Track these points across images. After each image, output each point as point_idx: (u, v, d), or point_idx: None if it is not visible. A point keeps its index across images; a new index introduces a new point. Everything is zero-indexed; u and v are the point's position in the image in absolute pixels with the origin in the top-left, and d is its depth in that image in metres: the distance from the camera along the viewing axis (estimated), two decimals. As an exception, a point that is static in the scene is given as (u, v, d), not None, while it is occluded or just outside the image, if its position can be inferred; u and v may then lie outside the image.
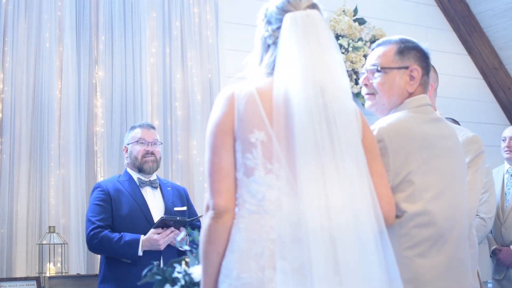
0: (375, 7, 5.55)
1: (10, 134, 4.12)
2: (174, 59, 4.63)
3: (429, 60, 2.25)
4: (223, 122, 1.79)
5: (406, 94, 2.21)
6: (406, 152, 2.06)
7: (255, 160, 1.74)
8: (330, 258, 1.66)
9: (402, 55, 2.21)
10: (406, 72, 2.20)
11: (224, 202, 1.77)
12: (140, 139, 3.75)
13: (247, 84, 1.82)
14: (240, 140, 1.77)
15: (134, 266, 3.47)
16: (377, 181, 1.89)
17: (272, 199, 1.73)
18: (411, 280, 2.00)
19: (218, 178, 1.78)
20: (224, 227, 1.77)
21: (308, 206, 1.68)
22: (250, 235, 1.73)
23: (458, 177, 2.16)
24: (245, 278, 1.71)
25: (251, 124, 1.76)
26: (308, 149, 1.71)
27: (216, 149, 1.78)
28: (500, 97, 6.13)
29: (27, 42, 4.25)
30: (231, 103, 1.80)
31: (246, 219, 1.76)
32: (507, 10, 5.66)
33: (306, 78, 1.75)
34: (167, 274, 1.90)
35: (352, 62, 5.12)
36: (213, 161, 1.79)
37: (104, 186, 3.67)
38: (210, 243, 1.78)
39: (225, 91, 1.84)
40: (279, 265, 1.67)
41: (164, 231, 3.51)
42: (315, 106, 1.73)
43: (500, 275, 4.51)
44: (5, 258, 3.99)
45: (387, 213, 1.92)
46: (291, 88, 1.76)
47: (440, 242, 2.06)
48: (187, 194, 3.90)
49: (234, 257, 1.75)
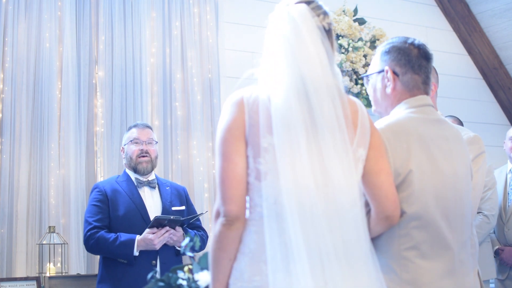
0: (375, 7, 5.55)
1: (10, 134, 4.12)
2: (174, 59, 4.63)
3: (411, 57, 2.17)
4: (234, 128, 1.77)
5: (390, 97, 2.21)
6: (406, 152, 2.05)
7: (267, 165, 1.73)
8: (342, 258, 1.68)
9: (381, 59, 2.23)
10: (383, 75, 2.21)
11: (236, 209, 1.75)
12: (135, 139, 3.76)
13: (256, 88, 1.81)
14: (251, 145, 1.76)
15: (131, 266, 3.49)
16: (384, 179, 1.89)
17: (284, 202, 1.72)
18: (410, 281, 2.00)
19: (232, 184, 1.75)
20: (236, 234, 1.76)
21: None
22: (261, 238, 1.72)
23: (461, 178, 2.14)
24: (257, 281, 1.71)
25: (263, 128, 1.74)
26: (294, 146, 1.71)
27: (230, 155, 1.76)
28: (500, 97, 6.13)
29: (27, 42, 4.25)
30: (240, 108, 1.78)
31: (258, 221, 1.75)
32: (507, 10, 5.65)
33: (288, 74, 1.75)
34: (172, 281, 1.89)
35: (352, 62, 5.12)
36: (227, 168, 1.76)
37: (101, 186, 3.68)
38: (222, 250, 1.76)
39: (234, 96, 1.82)
40: (291, 268, 1.66)
41: (159, 231, 3.51)
42: (298, 103, 1.73)
43: (503, 275, 4.50)
44: (5, 258, 3.99)
45: (393, 212, 1.93)
46: (272, 88, 1.76)
47: (440, 244, 2.05)
48: (186, 194, 3.89)
49: (245, 260, 1.74)
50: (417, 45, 2.20)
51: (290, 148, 1.70)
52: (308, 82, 1.74)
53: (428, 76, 2.21)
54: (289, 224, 1.67)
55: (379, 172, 1.88)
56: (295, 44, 1.76)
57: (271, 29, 1.83)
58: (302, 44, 1.76)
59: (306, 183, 1.69)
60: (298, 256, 1.65)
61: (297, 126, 1.71)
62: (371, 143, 1.86)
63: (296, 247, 1.65)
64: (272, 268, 1.68)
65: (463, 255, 2.11)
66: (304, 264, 1.65)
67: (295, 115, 1.71)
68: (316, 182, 1.70)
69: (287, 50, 1.77)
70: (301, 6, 1.83)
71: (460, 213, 2.12)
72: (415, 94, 2.19)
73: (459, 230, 2.11)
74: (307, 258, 1.65)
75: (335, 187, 1.71)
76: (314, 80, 1.75)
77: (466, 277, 2.10)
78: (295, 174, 1.69)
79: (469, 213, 2.18)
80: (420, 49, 2.20)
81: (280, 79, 1.75)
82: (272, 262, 1.68)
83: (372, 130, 1.89)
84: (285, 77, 1.75)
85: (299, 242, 1.65)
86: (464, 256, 2.12)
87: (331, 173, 1.71)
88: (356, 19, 5.29)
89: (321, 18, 1.85)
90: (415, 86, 2.19)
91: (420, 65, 2.19)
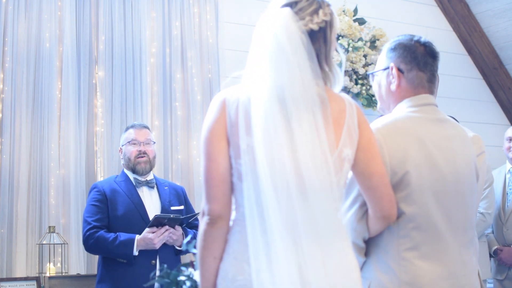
0: (375, 7, 5.55)
1: (10, 134, 4.13)
2: (174, 59, 4.63)
3: (416, 54, 2.17)
4: (216, 128, 1.78)
5: (394, 94, 2.20)
6: (403, 151, 2.04)
7: (247, 166, 1.73)
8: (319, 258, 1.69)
9: (387, 56, 2.23)
10: (388, 72, 2.21)
11: (219, 208, 1.77)
12: (133, 140, 3.76)
13: (237, 89, 1.81)
14: (232, 146, 1.77)
15: (130, 266, 3.49)
16: (377, 180, 1.89)
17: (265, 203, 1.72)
18: (409, 282, 1.99)
19: (215, 184, 1.78)
20: (219, 232, 1.78)
21: None
22: (244, 238, 1.74)
23: (463, 178, 2.12)
24: (240, 281, 1.73)
25: (242, 129, 1.75)
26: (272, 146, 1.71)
27: (213, 155, 1.78)
28: (500, 97, 6.13)
29: (27, 42, 4.25)
30: (223, 108, 1.79)
31: (242, 221, 1.76)
32: (507, 10, 5.65)
33: (269, 79, 1.74)
34: (172, 277, 1.91)
35: (352, 62, 5.12)
36: (210, 167, 1.78)
37: (100, 186, 3.69)
38: (206, 248, 1.79)
39: (217, 96, 1.83)
40: (273, 268, 1.67)
41: (158, 230, 3.51)
42: (278, 109, 1.72)
43: (502, 275, 4.50)
44: (5, 258, 4.00)
45: (389, 211, 1.93)
46: (253, 91, 1.76)
47: (441, 245, 2.04)
48: (185, 193, 3.90)
49: (230, 259, 1.76)
50: (423, 43, 2.20)
51: (270, 149, 1.70)
52: (286, 92, 1.73)
53: (434, 74, 2.20)
54: (272, 225, 1.68)
55: (372, 175, 1.88)
56: (274, 53, 1.74)
57: (257, 32, 1.81)
58: (281, 53, 1.74)
59: (284, 183, 1.69)
60: (282, 254, 1.66)
61: (277, 129, 1.71)
62: (361, 144, 1.85)
63: (279, 246, 1.67)
64: (255, 268, 1.69)
65: (466, 256, 2.09)
66: (288, 263, 1.66)
67: (274, 121, 1.71)
68: (295, 183, 1.70)
69: (268, 57, 1.75)
70: (285, 10, 1.79)
71: (462, 213, 2.10)
72: (419, 92, 2.18)
73: (461, 231, 2.09)
74: (288, 257, 1.67)
75: (314, 189, 1.71)
76: (292, 90, 1.73)
77: (468, 278, 2.09)
78: (274, 175, 1.69)
79: (473, 214, 2.16)
80: (426, 46, 2.20)
81: (262, 84, 1.75)
82: (255, 262, 1.69)
83: (362, 130, 1.87)
84: (266, 82, 1.74)
85: (282, 241, 1.67)
86: (467, 257, 2.10)
87: (308, 176, 1.71)
88: (356, 19, 5.30)
89: (308, 20, 1.80)
90: (420, 84, 2.18)
91: (425, 63, 2.18)
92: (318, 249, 1.70)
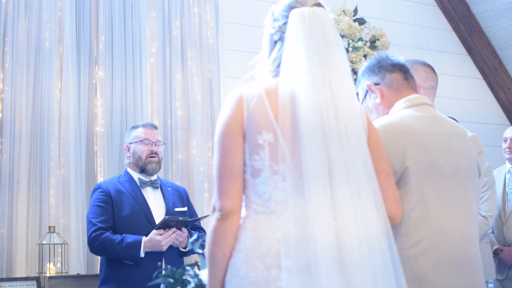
0: (375, 7, 5.55)
1: (10, 134, 4.12)
2: (174, 59, 4.63)
3: (382, 63, 2.27)
4: (234, 123, 1.79)
5: (383, 104, 2.25)
6: (402, 149, 2.06)
7: (262, 162, 1.75)
8: (336, 257, 1.67)
9: (362, 82, 2.33)
10: (369, 92, 2.29)
11: (231, 203, 1.77)
12: (145, 139, 3.73)
13: (256, 85, 1.82)
14: (248, 142, 1.78)
15: (136, 268, 3.46)
16: (383, 179, 1.89)
17: (278, 200, 1.74)
18: (414, 279, 2.00)
19: (230, 179, 1.77)
20: (231, 228, 1.77)
21: (315, 206, 1.68)
22: (256, 235, 1.74)
23: (463, 174, 2.13)
24: (252, 277, 1.72)
25: (259, 125, 1.76)
26: (316, 149, 1.71)
27: (229, 150, 1.78)
28: (500, 97, 6.13)
29: (27, 42, 4.25)
30: (240, 104, 1.80)
31: (253, 219, 1.76)
32: (507, 10, 5.66)
33: (313, 75, 1.76)
34: (177, 276, 1.90)
35: (352, 62, 5.12)
36: (225, 163, 1.78)
37: (104, 187, 3.63)
38: (216, 244, 1.77)
39: (233, 92, 1.84)
40: (285, 264, 1.67)
41: (166, 232, 3.49)
42: (324, 105, 1.74)
43: (502, 275, 4.50)
44: (5, 258, 3.99)
45: (394, 212, 1.93)
46: (298, 86, 1.76)
47: (443, 239, 2.04)
48: (187, 195, 3.88)
49: (240, 256, 1.76)
50: (385, 56, 2.31)
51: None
52: (335, 89, 1.76)
53: (407, 72, 2.26)
54: (284, 221, 1.69)
55: (378, 173, 1.88)
56: (323, 53, 1.78)
57: (289, 31, 1.82)
58: (328, 47, 1.79)
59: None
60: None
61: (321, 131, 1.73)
62: (370, 144, 1.86)
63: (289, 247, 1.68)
64: (266, 265, 1.69)
65: (470, 251, 2.10)
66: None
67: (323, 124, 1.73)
68: (333, 199, 1.72)
69: (313, 52, 1.78)
70: (320, 9, 1.85)
71: (463, 208, 2.10)
72: (405, 93, 2.23)
73: (464, 226, 2.09)
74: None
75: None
76: (339, 87, 1.78)
77: (473, 273, 2.09)
78: (325, 195, 1.70)
79: (475, 209, 2.17)
80: (388, 57, 2.30)
81: (305, 82, 1.76)
82: (267, 259, 1.69)
83: (370, 131, 1.89)
84: (309, 80, 1.76)
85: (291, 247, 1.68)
86: (472, 251, 2.10)
87: (351, 184, 1.73)
88: (356, 19, 5.30)
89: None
90: (399, 84, 2.24)
91: (393, 65, 2.26)
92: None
